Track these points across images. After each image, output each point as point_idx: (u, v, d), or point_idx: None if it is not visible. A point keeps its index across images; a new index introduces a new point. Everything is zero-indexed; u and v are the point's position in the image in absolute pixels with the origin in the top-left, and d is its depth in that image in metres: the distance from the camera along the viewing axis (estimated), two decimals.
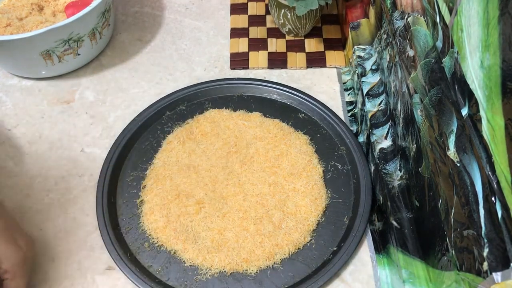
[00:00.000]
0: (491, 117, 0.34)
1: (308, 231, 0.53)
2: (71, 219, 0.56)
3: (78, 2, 0.69)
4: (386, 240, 0.51)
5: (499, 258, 0.32)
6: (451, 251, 0.38)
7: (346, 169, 0.59)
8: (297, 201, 0.55)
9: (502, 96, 0.32)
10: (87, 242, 0.54)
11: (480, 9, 0.35)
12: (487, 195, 0.34)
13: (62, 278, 0.51)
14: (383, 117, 0.57)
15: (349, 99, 0.67)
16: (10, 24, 0.67)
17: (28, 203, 0.57)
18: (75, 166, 0.60)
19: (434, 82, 0.42)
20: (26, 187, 0.58)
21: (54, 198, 0.58)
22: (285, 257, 0.52)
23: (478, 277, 0.33)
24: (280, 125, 0.62)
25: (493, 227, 0.33)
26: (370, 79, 0.61)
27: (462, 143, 0.37)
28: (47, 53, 0.65)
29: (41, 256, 0.53)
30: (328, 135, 0.62)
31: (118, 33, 0.76)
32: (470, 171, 0.36)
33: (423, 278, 0.45)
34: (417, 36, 0.46)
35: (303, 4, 0.66)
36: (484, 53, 0.34)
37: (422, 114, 0.44)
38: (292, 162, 0.58)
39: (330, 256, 0.51)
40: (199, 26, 0.78)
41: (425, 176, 0.44)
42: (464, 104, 0.38)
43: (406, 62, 0.48)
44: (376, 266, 0.52)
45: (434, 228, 0.43)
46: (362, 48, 0.65)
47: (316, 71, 0.70)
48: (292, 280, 0.50)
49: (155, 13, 0.80)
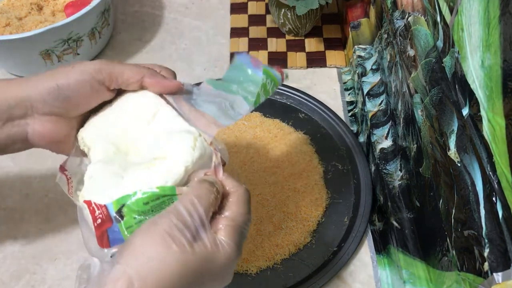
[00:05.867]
0: (492, 117, 0.33)
1: (309, 231, 0.53)
2: (70, 219, 0.56)
3: (77, 2, 0.69)
4: (387, 240, 0.51)
5: (499, 259, 0.32)
6: (451, 252, 0.38)
7: (346, 169, 0.58)
8: (297, 201, 0.55)
9: (503, 96, 0.32)
10: None
11: (481, 8, 0.34)
12: (487, 195, 0.34)
13: (62, 278, 0.51)
14: (384, 117, 0.57)
15: (349, 99, 0.67)
16: (9, 24, 0.67)
17: (28, 203, 0.57)
18: None
19: (434, 82, 0.42)
20: (26, 187, 0.58)
21: (54, 198, 0.57)
22: (285, 258, 0.51)
23: (479, 277, 0.33)
24: (280, 125, 0.62)
25: (494, 227, 0.33)
26: (370, 79, 0.61)
27: (463, 143, 0.37)
28: (46, 53, 0.65)
29: (41, 256, 0.53)
30: (329, 135, 0.62)
31: (117, 33, 0.76)
32: (470, 171, 0.36)
33: (423, 278, 0.45)
34: (418, 36, 0.46)
35: (303, 4, 0.65)
36: (485, 53, 0.34)
37: (423, 114, 0.44)
38: (292, 162, 0.58)
39: (330, 257, 0.51)
40: (199, 25, 0.78)
41: (426, 176, 0.44)
42: (465, 104, 0.38)
43: (406, 61, 0.48)
44: (376, 266, 0.52)
45: (435, 228, 0.42)
46: (363, 47, 0.65)
47: (316, 71, 0.70)
48: (292, 280, 0.50)
49: (155, 13, 0.80)
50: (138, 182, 0.34)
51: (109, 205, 0.34)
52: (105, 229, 0.34)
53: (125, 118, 0.39)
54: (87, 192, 0.36)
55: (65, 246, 0.54)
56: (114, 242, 0.34)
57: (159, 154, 0.36)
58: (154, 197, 0.34)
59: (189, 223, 0.33)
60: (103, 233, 0.34)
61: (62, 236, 0.54)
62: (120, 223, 0.34)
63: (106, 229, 0.34)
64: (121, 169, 0.36)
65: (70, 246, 0.54)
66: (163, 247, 0.31)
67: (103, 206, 0.34)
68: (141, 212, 0.34)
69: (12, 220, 0.56)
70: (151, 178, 0.35)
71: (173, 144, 0.36)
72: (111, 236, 0.34)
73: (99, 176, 0.36)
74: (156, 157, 0.36)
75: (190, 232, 0.33)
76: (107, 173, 0.36)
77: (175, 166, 0.35)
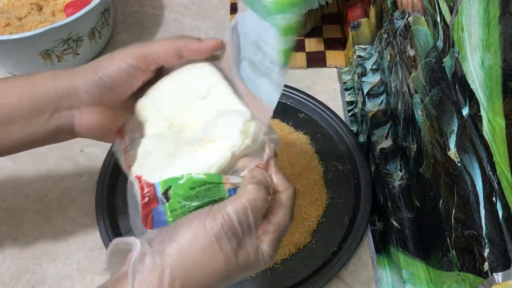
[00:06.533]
0: (492, 117, 0.33)
1: (309, 231, 0.53)
2: (70, 219, 0.56)
3: (77, 2, 0.69)
4: (387, 240, 0.51)
5: (499, 259, 0.32)
6: (451, 252, 0.38)
7: (346, 169, 0.58)
8: (297, 201, 0.55)
9: (503, 96, 0.32)
10: (87, 242, 0.54)
11: (481, 8, 0.34)
12: (488, 195, 0.34)
13: (62, 278, 0.51)
14: (384, 117, 0.57)
15: (349, 99, 0.67)
16: (9, 24, 0.67)
17: (28, 203, 0.57)
18: (74, 166, 0.60)
19: (434, 82, 0.42)
20: (26, 187, 0.58)
21: (53, 198, 0.57)
22: (285, 258, 0.51)
23: (479, 277, 0.33)
24: (280, 125, 0.62)
25: (494, 228, 0.33)
26: (370, 79, 0.61)
27: (463, 143, 0.37)
28: (46, 53, 0.65)
29: (41, 256, 0.53)
30: (329, 135, 0.62)
31: (117, 33, 0.76)
32: (470, 171, 0.36)
33: (423, 278, 0.45)
34: (418, 36, 0.46)
35: None
36: (485, 53, 0.34)
37: (423, 114, 0.44)
38: (292, 162, 0.58)
39: (330, 257, 0.51)
40: (198, 25, 0.78)
41: (426, 176, 0.44)
42: (465, 104, 0.38)
43: (406, 61, 0.48)
44: (376, 266, 0.52)
45: (435, 228, 0.42)
46: (363, 47, 0.65)
47: (316, 71, 0.70)
48: (292, 280, 0.50)
49: (155, 13, 0.80)
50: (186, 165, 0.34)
51: (157, 185, 0.33)
52: (150, 209, 0.33)
53: (181, 92, 0.39)
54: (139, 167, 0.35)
55: (65, 246, 0.54)
56: (158, 223, 0.33)
57: (208, 136, 0.36)
58: (200, 183, 0.33)
59: (238, 232, 0.33)
60: (149, 213, 0.34)
61: (62, 236, 0.54)
62: (165, 205, 0.33)
63: (151, 209, 0.33)
64: (173, 147, 0.36)
65: (70, 246, 0.54)
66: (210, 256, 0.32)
67: (152, 184, 0.34)
68: (186, 196, 0.33)
69: (12, 220, 0.56)
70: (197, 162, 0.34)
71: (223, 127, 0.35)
72: (155, 217, 0.33)
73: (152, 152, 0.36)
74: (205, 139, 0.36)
75: (237, 240, 0.33)
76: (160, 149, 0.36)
77: (222, 151, 0.34)
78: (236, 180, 0.35)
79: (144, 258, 0.31)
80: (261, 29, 0.34)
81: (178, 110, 0.38)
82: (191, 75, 0.39)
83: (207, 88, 0.38)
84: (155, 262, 0.31)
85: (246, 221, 0.33)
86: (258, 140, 0.36)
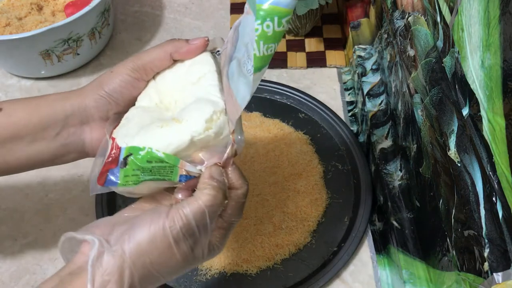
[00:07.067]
0: (492, 117, 0.33)
1: (309, 231, 0.53)
2: (70, 219, 0.56)
3: (77, 2, 0.69)
4: (387, 240, 0.51)
5: (499, 259, 0.32)
6: (451, 252, 0.38)
7: (346, 169, 0.58)
8: (297, 201, 0.55)
9: (503, 96, 0.32)
10: None
11: (481, 8, 0.34)
12: (488, 195, 0.34)
13: None
14: (384, 117, 0.57)
15: (349, 99, 0.67)
16: (10, 24, 0.67)
17: (28, 203, 0.57)
18: (74, 166, 0.60)
19: (434, 82, 0.42)
20: (26, 187, 0.58)
21: (53, 198, 0.57)
22: (286, 258, 0.51)
23: (479, 277, 0.33)
24: (280, 125, 0.62)
25: (494, 228, 0.33)
26: (370, 79, 0.61)
27: (463, 143, 0.37)
28: (46, 53, 0.65)
29: (41, 256, 0.53)
30: (328, 135, 0.62)
31: (117, 33, 0.76)
32: (470, 171, 0.36)
33: (423, 278, 0.45)
34: (418, 36, 0.46)
35: (303, 4, 0.65)
36: (485, 53, 0.34)
37: (423, 114, 0.44)
38: (292, 162, 0.58)
39: (330, 256, 0.51)
40: (198, 25, 0.78)
41: (426, 176, 0.44)
42: (465, 104, 0.38)
43: (406, 61, 0.48)
44: (376, 266, 0.52)
45: (435, 228, 0.42)
46: (363, 47, 0.65)
47: (316, 71, 0.70)
48: (292, 281, 0.50)
49: (155, 13, 0.80)
50: (149, 138, 0.36)
51: (122, 149, 0.36)
52: (108, 168, 0.36)
53: (178, 77, 0.41)
54: (117, 130, 0.38)
55: None
56: (109, 183, 0.36)
57: (178, 116, 0.37)
58: (158, 160, 0.35)
59: (195, 233, 0.35)
60: (106, 171, 0.36)
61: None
62: (121, 170, 0.36)
63: (110, 168, 0.36)
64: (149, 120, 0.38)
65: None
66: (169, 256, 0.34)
67: (119, 148, 0.36)
68: (142, 167, 0.35)
69: (12, 220, 0.56)
70: (159, 137, 0.36)
71: (191, 111, 0.37)
72: (109, 176, 0.36)
73: (131, 120, 0.39)
74: (175, 118, 0.37)
75: (193, 240, 0.35)
76: (139, 120, 0.38)
77: (183, 132, 0.36)
78: (191, 168, 0.37)
79: (102, 256, 0.33)
80: (253, 33, 0.35)
81: (171, 90, 0.41)
82: (194, 61, 0.42)
83: (199, 76, 0.40)
84: (115, 263, 0.32)
85: (203, 223, 0.35)
86: (222, 134, 0.37)
